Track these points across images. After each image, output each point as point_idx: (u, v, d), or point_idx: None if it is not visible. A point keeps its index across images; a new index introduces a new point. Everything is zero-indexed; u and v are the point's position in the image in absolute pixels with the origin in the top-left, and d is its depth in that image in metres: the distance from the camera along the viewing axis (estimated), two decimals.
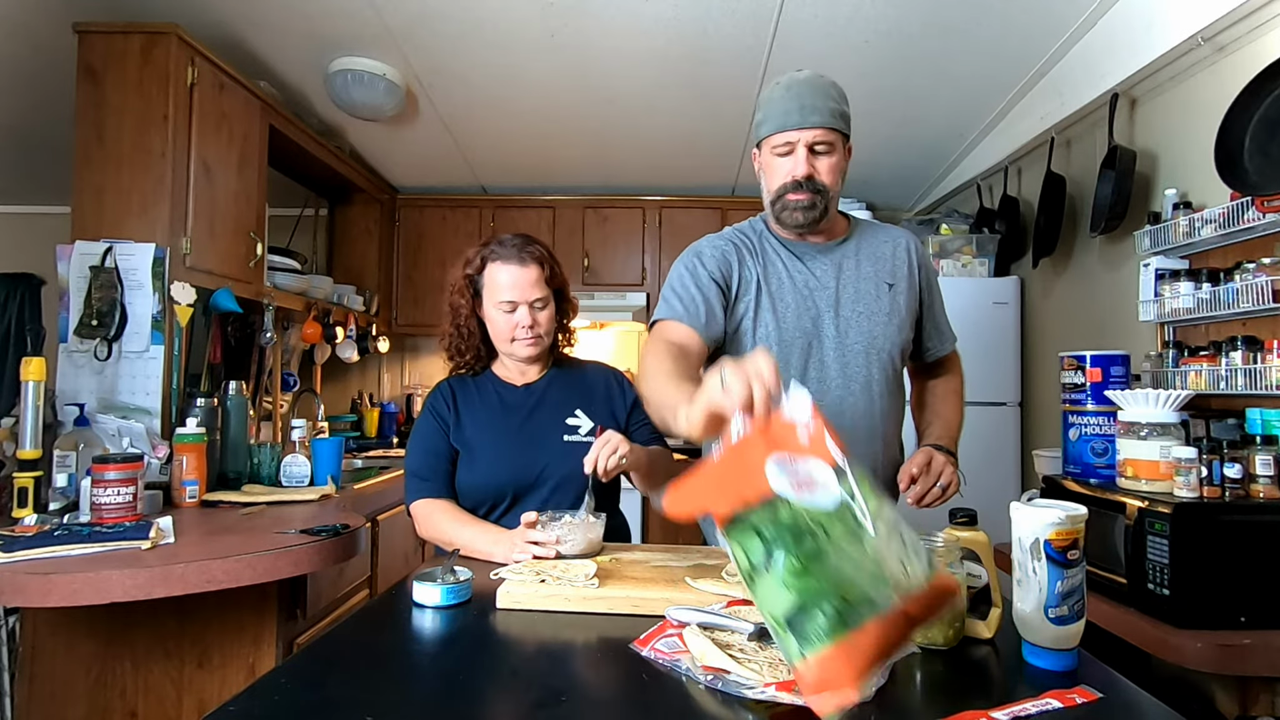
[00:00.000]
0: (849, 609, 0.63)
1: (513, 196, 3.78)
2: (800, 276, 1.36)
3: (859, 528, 0.68)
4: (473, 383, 1.50)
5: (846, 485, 0.70)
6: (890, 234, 1.45)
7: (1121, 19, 2.20)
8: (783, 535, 0.68)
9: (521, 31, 2.34)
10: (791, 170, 1.27)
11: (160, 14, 2.10)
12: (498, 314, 1.41)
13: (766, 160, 1.32)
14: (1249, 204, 1.67)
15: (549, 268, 1.44)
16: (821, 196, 1.29)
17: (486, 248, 1.44)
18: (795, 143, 1.26)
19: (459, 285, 1.45)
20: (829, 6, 2.22)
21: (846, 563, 0.65)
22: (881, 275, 1.39)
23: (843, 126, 1.29)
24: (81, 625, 1.55)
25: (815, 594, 0.64)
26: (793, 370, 1.34)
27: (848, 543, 0.67)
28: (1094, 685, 0.75)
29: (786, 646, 0.64)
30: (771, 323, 1.34)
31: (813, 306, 1.35)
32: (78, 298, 1.90)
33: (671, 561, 1.17)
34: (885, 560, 0.66)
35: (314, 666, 0.84)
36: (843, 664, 0.61)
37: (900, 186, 3.72)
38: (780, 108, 1.27)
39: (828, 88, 1.28)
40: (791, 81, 1.28)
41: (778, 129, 1.27)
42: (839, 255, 1.38)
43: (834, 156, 1.28)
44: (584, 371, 1.54)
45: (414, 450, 1.44)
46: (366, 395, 3.87)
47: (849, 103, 1.32)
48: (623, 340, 4.05)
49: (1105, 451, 1.68)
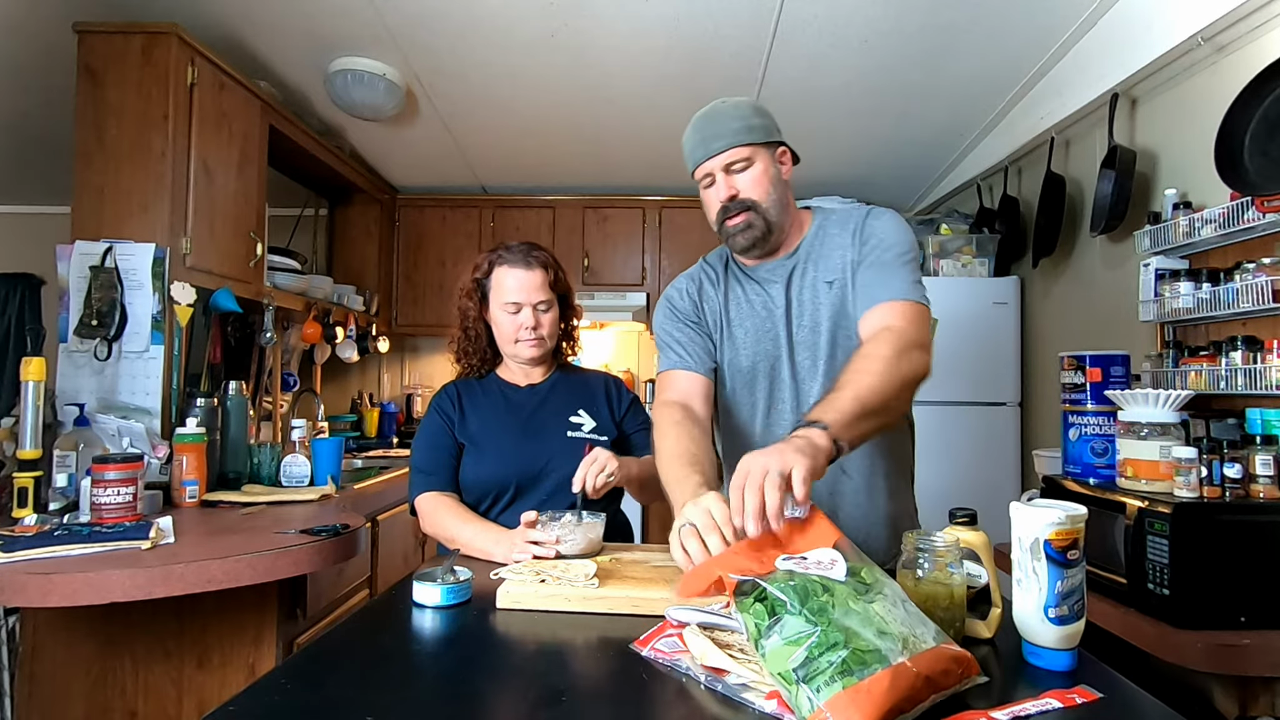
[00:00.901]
0: (856, 657, 0.66)
1: (513, 196, 3.78)
2: (759, 299, 1.34)
3: (865, 591, 0.73)
4: (478, 384, 1.53)
5: (852, 564, 0.78)
6: (846, 219, 1.33)
7: (1121, 19, 2.20)
8: (790, 597, 0.72)
9: (521, 31, 2.34)
10: (717, 197, 1.28)
11: (160, 14, 2.10)
12: (503, 315, 1.46)
13: (702, 197, 1.33)
14: (1249, 204, 1.67)
15: (554, 272, 1.49)
16: (755, 213, 1.26)
17: (494, 253, 1.49)
18: (712, 171, 1.27)
19: (467, 289, 1.50)
20: (829, 6, 2.22)
21: (852, 618, 0.69)
22: (823, 275, 1.30)
23: (754, 138, 1.25)
24: (81, 625, 1.55)
25: (822, 645, 0.67)
26: (758, 398, 1.32)
27: (853, 601, 0.71)
28: (1094, 685, 0.75)
29: (799, 702, 0.66)
30: (731, 353, 1.35)
31: (771, 330, 1.32)
32: (78, 298, 1.90)
33: (672, 561, 1.16)
34: (890, 621, 0.69)
35: (314, 666, 0.83)
36: (851, 708, 0.62)
37: (900, 186, 3.72)
38: (689, 145, 1.30)
39: (730, 110, 1.28)
40: (695, 118, 1.30)
41: (693, 165, 1.30)
42: (789, 267, 1.32)
43: (754, 170, 1.26)
44: (585, 377, 1.58)
45: (419, 447, 1.47)
46: (366, 395, 3.87)
47: (768, 114, 1.30)
48: (622, 340, 4.06)
49: (1105, 451, 1.67)
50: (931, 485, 2.74)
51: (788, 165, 1.33)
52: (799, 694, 0.66)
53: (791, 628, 0.70)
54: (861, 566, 0.77)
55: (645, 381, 3.88)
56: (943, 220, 3.15)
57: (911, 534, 0.90)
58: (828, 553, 0.81)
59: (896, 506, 1.32)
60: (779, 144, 1.30)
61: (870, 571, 0.76)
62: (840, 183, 3.60)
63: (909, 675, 0.65)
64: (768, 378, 1.32)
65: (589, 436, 1.44)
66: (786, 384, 1.30)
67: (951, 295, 2.89)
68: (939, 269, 2.99)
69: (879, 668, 0.64)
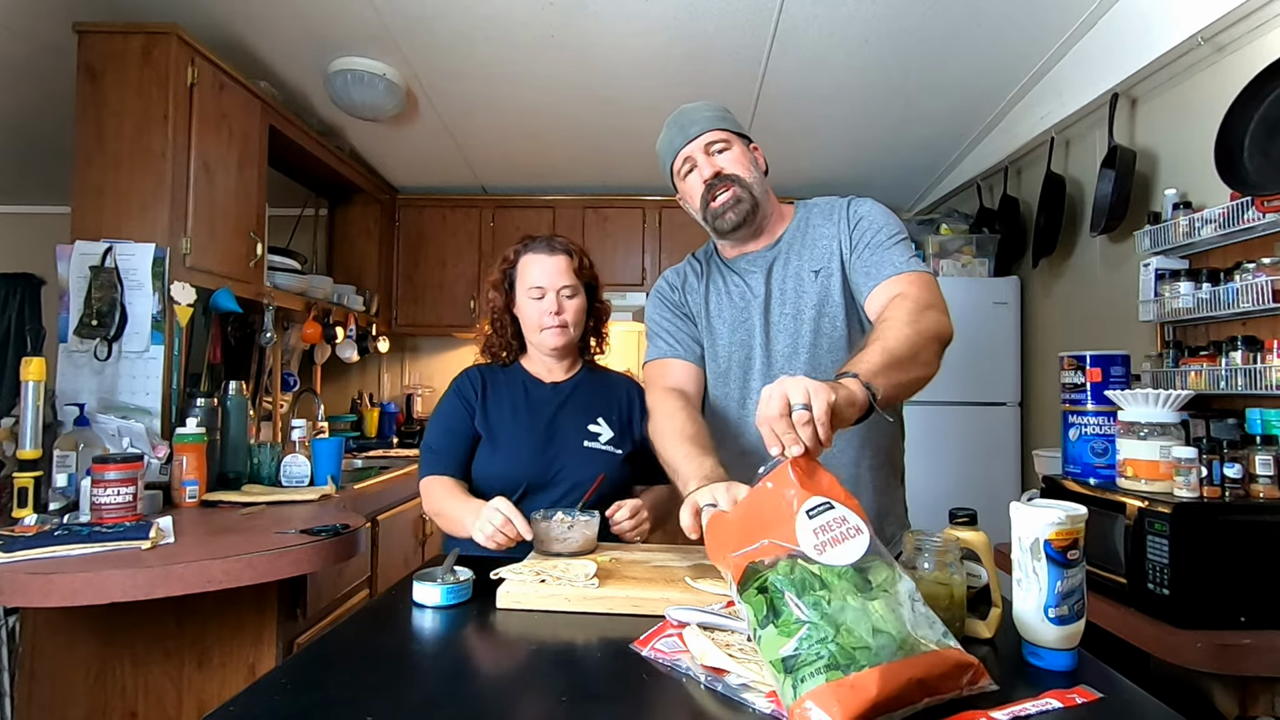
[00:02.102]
0: (845, 652, 0.65)
1: (513, 196, 3.78)
2: (737, 290, 1.36)
3: (865, 586, 0.72)
4: (502, 373, 1.52)
5: (872, 547, 0.76)
6: (830, 209, 1.33)
7: (1121, 19, 2.20)
8: (789, 588, 0.72)
9: (521, 31, 2.34)
10: (701, 176, 1.30)
11: (160, 14, 2.10)
12: (528, 301, 1.45)
13: (683, 190, 1.35)
14: (1249, 204, 1.67)
15: (578, 259, 1.49)
16: (740, 186, 1.29)
17: (521, 244, 1.51)
18: (692, 155, 1.30)
19: (495, 281, 1.51)
20: (829, 6, 2.22)
21: (848, 613, 0.69)
22: (808, 264, 1.30)
23: (730, 126, 1.31)
24: (81, 625, 1.55)
25: (812, 637, 0.67)
26: (732, 389, 1.34)
27: (851, 596, 0.70)
28: (1094, 685, 0.75)
29: (784, 692, 0.67)
30: (709, 344, 1.37)
31: (747, 320, 1.33)
32: (78, 298, 1.90)
33: (671, 561, 1.17)
34: (888, 620, 0.69)
35: (314, 666, 0.83)
36: (833, 700, 0.62)
37: (900, 186, 3.72)
38: (667, 139, 1.34)
39: (700, 105, 1.33)
40: (668, 120, 1.35)
41: (672, 154, 1.32)
42: (770, 258, 1.34)
43: (734, 151, 1.30)
44: (609, 380, 1.56)
45: (433, 427, 1.46)
46: (366, 395, 3.87)
47: (737, 122, 1.35)
48: (623, 340, 4.05)
49: (1105, 451, 1.67)
50: (932, 485, 2.76)
51: (762, 162, 1.36)
52: (785, 683, 0.67)
53: (786, 618, 0.70)
54: (874, 560, 0.75)
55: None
56: (943, 220, 3.15)
57: (911, 534, 0.90)
58: (854, 517, 0.78)
59: (883, 502, 1.32)
60: (751, 141, 1.35)
61: (879, 570, 0.74)
62: (840, 183, 3.60)
63: (900, 676, 0.64)
64: (742, 367, 1.33)
65: (604, 448, 1.43)
66: (759, 374, 1.31)
67: (951, 295, 2.81)
68: (939, 269, 2.99)
69: (867, 665, 0.64)
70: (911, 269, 1.20)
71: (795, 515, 0.77)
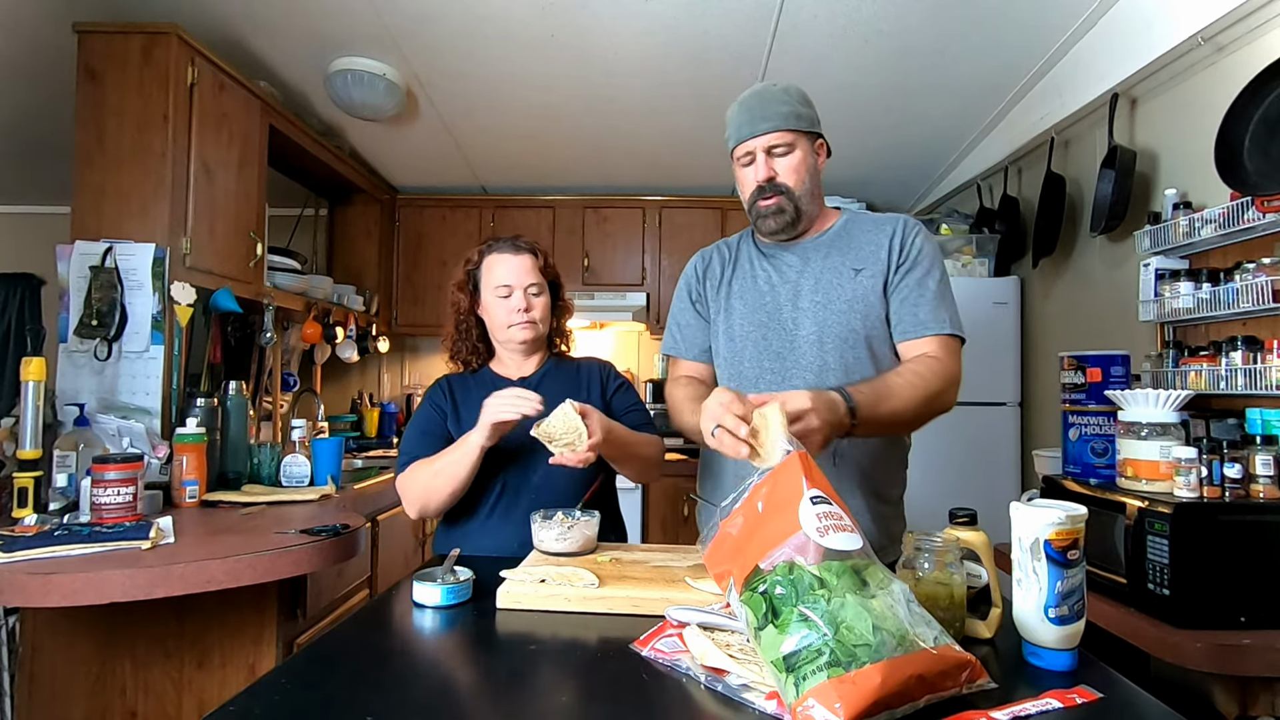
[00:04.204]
0: (845, 650, 0.66)
1: (513, 196, 3.78)
2: (764, 274, 1.39)
3: (863, 586, 0.72)
4: (471, 379, 1.54)
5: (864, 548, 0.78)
6: (881, 221, 1.37)
7: (1121, 19, 2.20)
8: (788, 589, 0.73)
9: (521, 31, 2.34)
10: (755, 177, 1.32)
11: (160, 14, 2.10)
12: (495, 301, 1.47)
13: (737, 173, 1.38)
14: (1249, 204, 1.67)
15: (543, 258, 1.52)
16: (788, 198, 1.31)
17: (484, 245, 1.53)
18: (753, 150, 1.31)
19: (459, 282, 1.53)
20: (829, 6, 2.22)
21: (848, 610, 0.69)
22: (850, 262, 1.33)
23: (799, 125, 1.30)
24: (81, 625, 1.55)
25: (812, 635, 0.68)
26: (745, 365, 1.36)
27: (850, 594, 0.71)
28: (1094, 685, 0.75)
29: (786, 690, 0.67)
30: (724, 322, 1.40)
31: (770, 301, 1.36)
32: (78, 298, 1.90)
33: (671, 561, 1.17)
34: (888, 617, 0.69)
35: (314, 666, 0.84)
36: (835, 697, 0.62)
37: (900, 186, 3.72)
38: (735, 122, 1.34)
39: (779, 94, 1.31)
40: (744, 95, 1.35)
41: (736, 141, 1.34)
42: (809, 248, 1.37)
43: (794, 156, 1.31)
44: (577, 365, 1.59)
45: (409, 435, 1.48)
46: (366, 395, 3.87)
47: (812, 104, 1.34)
48: (622, 340, 4.05)
49: (1105, 451, 1.67)
50: (932, 485, 2.75)
51: (823, 157, 1.37)
52: (787, 682, 0.67)
53: (785, 618, 0.70)
54: (868, 563, 0.76)
55: (645, 381, 3.88)
56: (943, 220, 3.15)
57: (911, 534, 0.90)
58: (847, 518, 0.80)
59: (883, 503, 1.34)
60: (819, 136, 1.35)
61: (875, 572, 0.75)
62: (840, 182, 3.60)
63: (901, 673, 0.65)
64: (756, 346, 1.35)
65: None
66: (779, 349, 1.33)
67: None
68: None
69: (868, 662, 0.64)
70: (955, 332, 1.30)
71: (801, 499, 0.79)
